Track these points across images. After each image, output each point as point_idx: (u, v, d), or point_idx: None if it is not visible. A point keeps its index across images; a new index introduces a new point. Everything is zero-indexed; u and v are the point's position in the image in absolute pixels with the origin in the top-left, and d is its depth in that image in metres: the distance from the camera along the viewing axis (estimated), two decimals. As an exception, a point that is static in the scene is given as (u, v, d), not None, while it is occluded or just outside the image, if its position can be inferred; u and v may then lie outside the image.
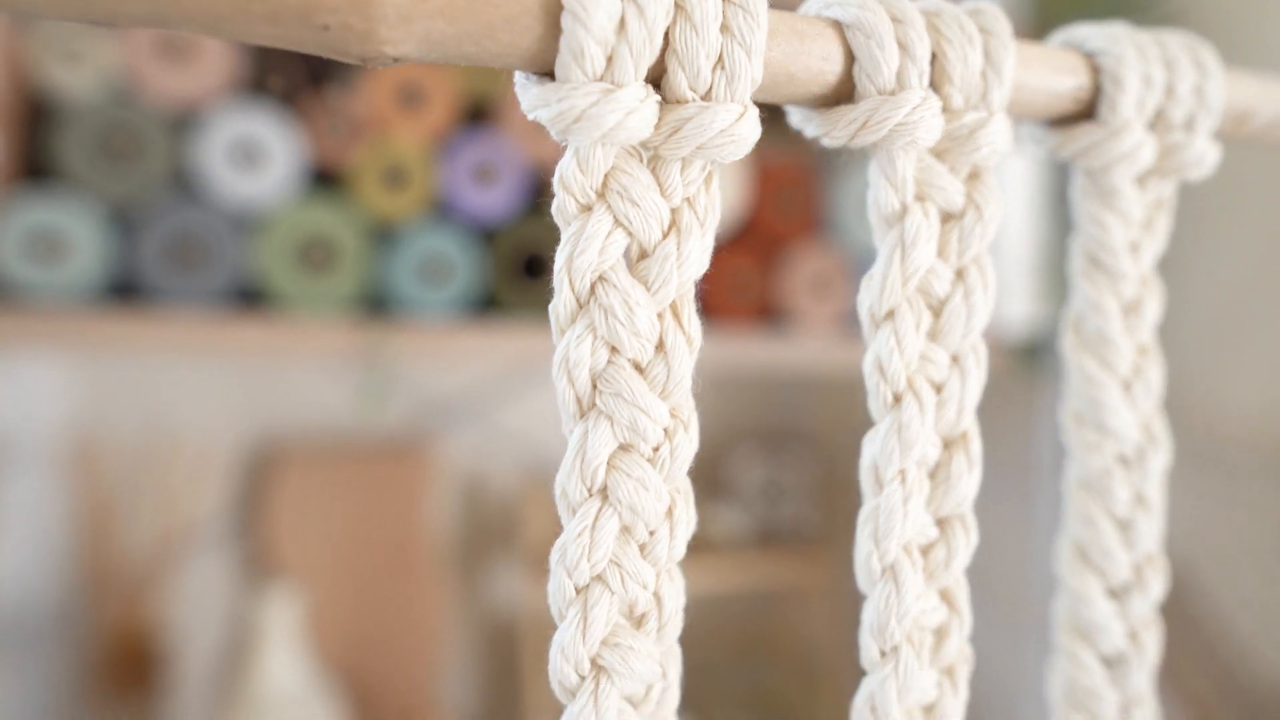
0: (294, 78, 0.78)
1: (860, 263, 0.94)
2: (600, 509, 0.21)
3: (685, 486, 0.22)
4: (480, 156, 0.80)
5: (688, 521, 0.21)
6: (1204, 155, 0.25)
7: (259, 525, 1.05)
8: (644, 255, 0.21)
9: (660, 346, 0.21)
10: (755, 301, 0.91)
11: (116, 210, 0.73)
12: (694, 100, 0.20)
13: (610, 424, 0.20)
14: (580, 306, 0.20)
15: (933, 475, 0.23)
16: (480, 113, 0.84)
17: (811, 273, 0.91)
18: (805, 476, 1.21)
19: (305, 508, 1.05)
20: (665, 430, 0.21)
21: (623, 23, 0.19)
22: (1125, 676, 0.26)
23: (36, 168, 0.75)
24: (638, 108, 0.19)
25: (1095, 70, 0.24)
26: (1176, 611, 0.91)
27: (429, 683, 1.09)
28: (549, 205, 0.80)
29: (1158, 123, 0.25)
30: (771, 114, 0.21)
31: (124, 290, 0.75)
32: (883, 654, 0.22)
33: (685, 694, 0.22)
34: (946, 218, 0.22)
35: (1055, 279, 0.96)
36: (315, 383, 1.08)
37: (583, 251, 0.20)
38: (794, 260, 0.91)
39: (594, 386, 0.21)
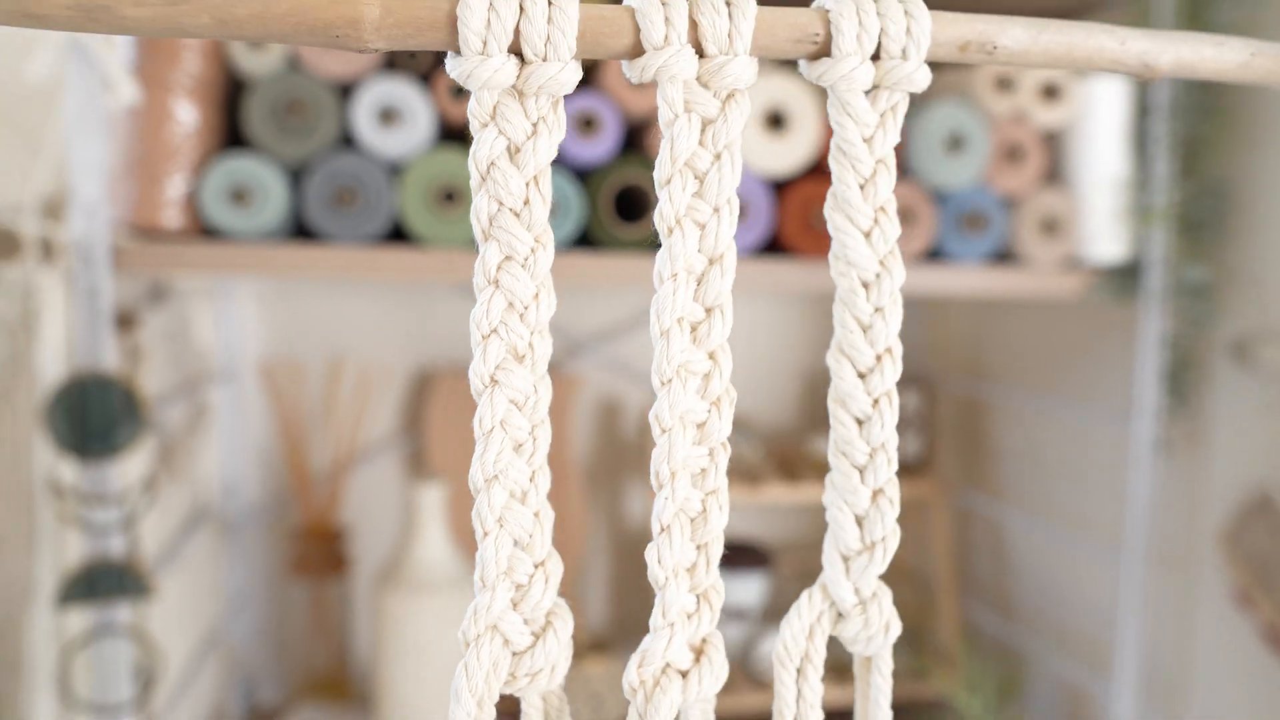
0: (423, 55, 0.98)
1: (937, 197, 1.06)
2: (494, 294, 0.38)
3: (548, 281, 0.39)
4: (583, 107, 0.98)
5: (549, 304, 0.38)
6: (915, 75, 0.39)
7: (419, 435, 1.29)
8: (517, 150, 0.38)
9: (526, 201, 0.38)
10: (832, 230, 1.05)
11: (293, 165, 0.96)
12: (535, 61, 0.37)
13: (497, 244, 0.38)
14: (482, 181, 0.38)
15: (699, 281, 0.39)
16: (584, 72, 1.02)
17: (885, 202, 1.04)
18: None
19: (456, 420, 1.27)
20: (531, 248, 0.38)
21: (488, 23, 0.36)
22: (870, 431, 0.41)
23: (234, 136, 1.00)
24: (502, 67, 0.36)
25: (828, 23, 0.39)
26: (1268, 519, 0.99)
27: (570, 588, 1.30)
28: (644, 151, 1.03)
29: (879, 53, 0.39)
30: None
31: (300, 233, 0.99)
32: (663, 383, 0.39)
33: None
34: (706, 123, 0.38)
35: (1142, 217, 1.05)
36: (460, 315, 1.31)
37: (482, 145, 0.37)
38: (869, 191, 1.04)
39: (490, 224, 0.38)
